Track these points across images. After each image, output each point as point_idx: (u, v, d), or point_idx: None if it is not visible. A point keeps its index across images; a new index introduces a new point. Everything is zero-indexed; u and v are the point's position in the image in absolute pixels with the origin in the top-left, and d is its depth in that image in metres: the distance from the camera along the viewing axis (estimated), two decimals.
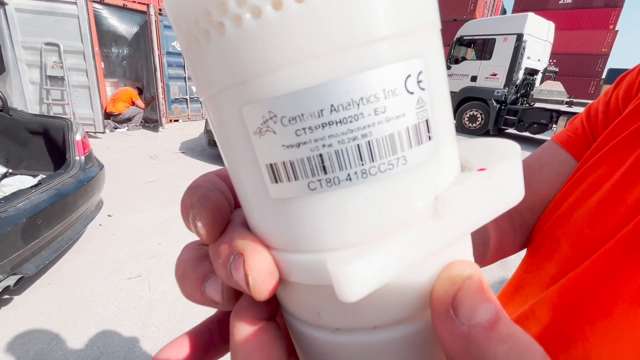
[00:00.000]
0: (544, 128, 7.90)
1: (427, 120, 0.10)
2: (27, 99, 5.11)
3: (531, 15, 7.76)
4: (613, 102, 0.37)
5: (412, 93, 0.10)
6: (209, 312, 0.17)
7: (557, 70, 9.71)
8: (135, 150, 5.09)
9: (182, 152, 5.16)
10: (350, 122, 0.09)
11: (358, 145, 0.10)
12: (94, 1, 5.66)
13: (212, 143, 4.68)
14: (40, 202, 1.80)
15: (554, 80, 9.12)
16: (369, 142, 0.10)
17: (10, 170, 2.56)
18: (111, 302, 1.95)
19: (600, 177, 0.32)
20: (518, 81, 8.18)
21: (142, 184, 3.79)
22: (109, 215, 2.97)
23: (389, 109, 0.09)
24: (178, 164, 4.63)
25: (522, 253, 0.43)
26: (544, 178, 0.41)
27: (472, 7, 24.76)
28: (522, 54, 7.80)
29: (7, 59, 2.99)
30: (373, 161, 0.10)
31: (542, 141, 8.92)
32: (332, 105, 0.09)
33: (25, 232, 1.67)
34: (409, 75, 0.10)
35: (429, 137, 0.10)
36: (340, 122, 0.09)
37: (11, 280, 1.63)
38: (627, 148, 0.31)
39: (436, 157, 0.11)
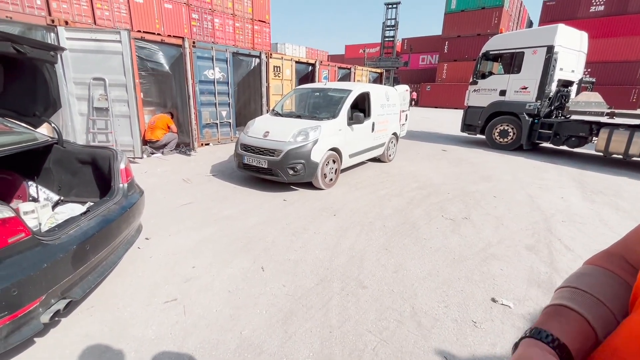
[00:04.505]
0: (583, 141, 7.45)
1: None
2: (75, 128, 5.58)
3: (561, 27, 7.52)
4: None
5: None
6: (236, 336, 0.18)
7: (593, 80, 9.23)
8: (170, 174, 5.34)
9: (213, 175, 5.35)
10: None
11: None
12: (136, 38, 6.17)
13: (241, 166, 4.84)
14: (88, 228, 1.92)
15: (591, 91, 8.68)
16: None
17: (62, 198, 2.77)
18: (149, 325, 2.01)
19: None
20: (551, 94, 7.86)
21: (176, 207, 3.95)
22: (147, 239, 3.10)
23: None
24: (210, 186, 4.80)
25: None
26: None
27: (496, 21, 24.46)
28: (553, 65, 7.53)
29: (62, 94, 3.29)
30: None
31: (581, 155, 8.41)
32: None
33: (75, 257, 1.78)
34: None
35: None
36: None
37: (61, 305, 1.73)
38: None
39: None
